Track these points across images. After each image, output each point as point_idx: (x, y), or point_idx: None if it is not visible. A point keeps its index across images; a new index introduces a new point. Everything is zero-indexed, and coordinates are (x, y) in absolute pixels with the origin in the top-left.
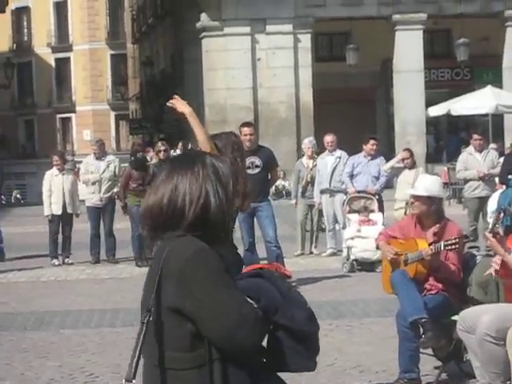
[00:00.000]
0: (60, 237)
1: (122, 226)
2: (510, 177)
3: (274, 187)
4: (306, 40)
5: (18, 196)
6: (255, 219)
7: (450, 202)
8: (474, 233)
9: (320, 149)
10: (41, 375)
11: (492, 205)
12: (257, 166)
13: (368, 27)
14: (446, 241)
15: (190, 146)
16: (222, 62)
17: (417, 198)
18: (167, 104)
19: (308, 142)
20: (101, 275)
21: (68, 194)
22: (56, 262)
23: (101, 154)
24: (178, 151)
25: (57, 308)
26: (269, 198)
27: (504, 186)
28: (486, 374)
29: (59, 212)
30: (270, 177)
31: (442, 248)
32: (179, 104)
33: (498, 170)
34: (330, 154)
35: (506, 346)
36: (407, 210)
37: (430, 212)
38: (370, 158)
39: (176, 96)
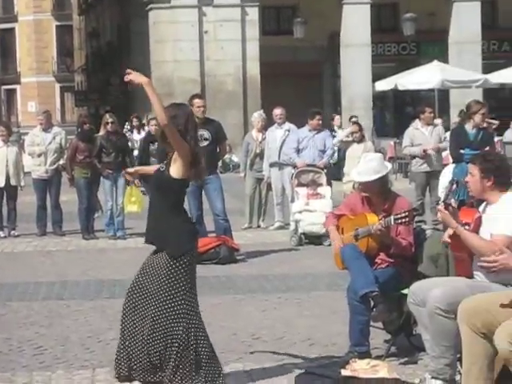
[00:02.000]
0: (5, 209)
1: (69, 198)
2: (462, 151)
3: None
4: (253, 13)
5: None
6: (203, 192)
7: (397, 177)
8: (421, 207)
9: (269, 122)
10: None
11: (444, 181)
12: (205, 139)
13: (316, 1)
14: (396, 215)
15: (148, 118)
16: (169, 34)
17: (361, 183)
18: (124, 79)
19: (258, 116)
20: (48, 247)
21: (12, 166)
22: (1, 233)
23: (47, 125)
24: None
25: (3, 280)
26: (217, 171)
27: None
28: (436, 347)
29: (2, 184)
30: (218, 150)
31: (392, 222)
32: (135, 76)
33: (445, 144)
34: (279, 127)
35: (457, 320)
36: (356, 185)
37: (375, 190)
38: (315, 132)
39: (129, 70)
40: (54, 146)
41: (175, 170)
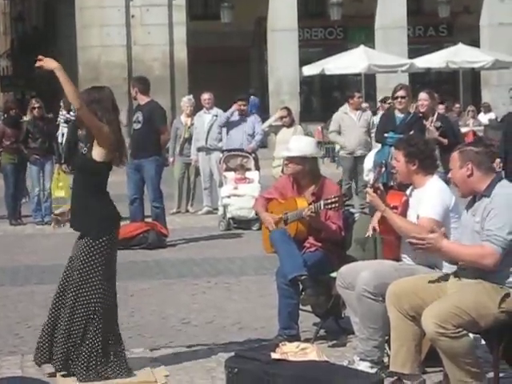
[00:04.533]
0: None
1: None
2: (386, 135)
3: None
4: None
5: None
6: None
7: (324, 161)
8: (349, 191)
9: (197, 107)
10: None
11: (368, 163)
12: (139, 122)
13: None
14: (326, 200)
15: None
16: (96, 19)
17: (290, 159)
18: (35, 65)
19: (187, 100)
20: None
21: None
22: None
23: None
24: (63, 110)
25: None
26: (155, 154)
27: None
28: (364, 329)
29: None
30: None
31: (322, 207)
32: (46, 62)
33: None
34: (207, 112)
35: (385, 302)
36: (284, 169)
37: (304, 172)
38: (242, 116)
39: (40, 56)
40: None
41: (97, 153)
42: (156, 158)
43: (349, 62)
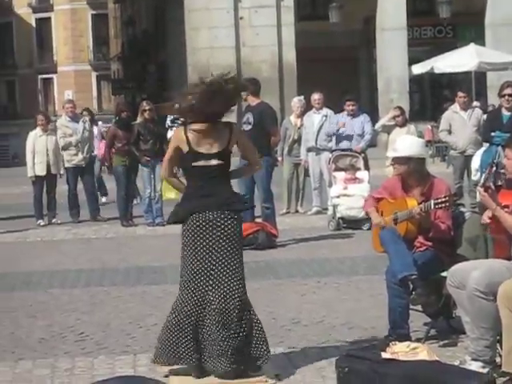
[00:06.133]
0: (45, 197)
1: (107, 186)
2: (492, 134)
3: None
4: None
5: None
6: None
7: (434, 160)
8: (459, 190)
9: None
10: (31, 334)
11: (475, 162)
12: (249, 123)
13: None
14: (436, 199)
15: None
16: (205, 21)
17: (396, 159)
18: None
19: (297, 101)
20: (87, 235)
21: (52, 155)
22: (41, 222)
23: (74, 114)
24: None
25: (44, 268)
26: (266, 156)
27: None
28: (475, 329)
29: (43, 173)
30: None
31: (432, 207)
32: None
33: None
34: (317, 112)
35: (497, 301)
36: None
37: (410, 172)
38: (351, 116)
39: None
40: (87, 135)
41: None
42: (266, 159)
43: (458, 60)
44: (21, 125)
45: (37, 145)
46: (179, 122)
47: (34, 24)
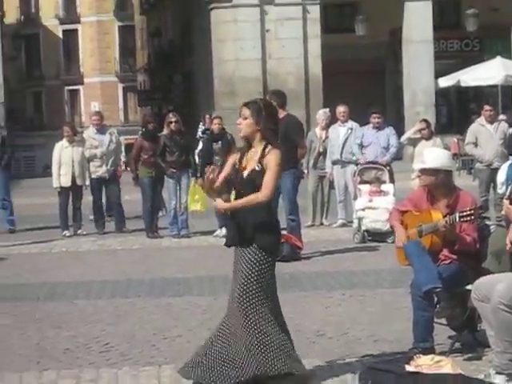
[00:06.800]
0: (70, 208)
1: (133, 197)
2: None
3: None
4: (314, 11)
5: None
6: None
7: (460, 173)
8: (485, 203)
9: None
10: (56, 345)
11: (501, 176)
12: None
13: None
14: (461, 212)
15: (212, 115)
16: (231, 33)
17: (423, 170)
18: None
19: (323, 114)
20: (112, 246)
21: (78, 166)
22: (67, 233)
23: (101, 126)
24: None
25: (69, 279)
26: (292, 168)
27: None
28: (500, 342)
29: (68, 184)
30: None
31: (458, 220)
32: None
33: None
34: (342, 125)
35: None
36: (418, 181)
37: (437, 184)
38: (377, 129)
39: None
40: (113, 147)
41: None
42: (293, 171)
43: (485, 73)
44: (47, 136)
45: (63, 156)
46: (209, 131)
47: (60, 35)
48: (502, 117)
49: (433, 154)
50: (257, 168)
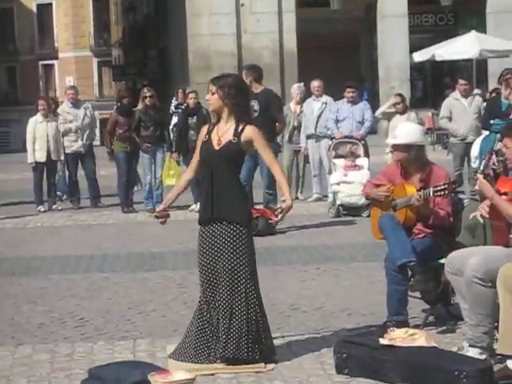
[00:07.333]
0: (45, 183)
1: (108, 172)
2: (491, 122)
3: None
4: None
5: None
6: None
7: (435, 148)
8: (459, 178)
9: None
10: (31, 320)
11: (475, 150)
12: (255, 111)
13: None
14: (435, 187)
15: (187, 91)
16: (206, 7)
17: (395, 146)
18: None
19: (297, 88)
20: (87, 221)
21: (53, 141)
22: (42, 208)
23: (76, 100)
24: (179, 99)
25: (44, 254)
26: (270, 142)
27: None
28: (473, 315)
29: (43, 159)
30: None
31: (431, 194)
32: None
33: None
34: (317, 100)
35: (496, 286)
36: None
37: (410, 159)
38: (351, 103)
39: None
40: (88, 121)
41: (248, 145)
42: (271, 145)
43: (460, 47)
44: (22, 111)
45: (37, 131)
46: (182, 107)
47: (35, 10)
48: (476, 91)
49: (404, 130)
50: (233, 140)
